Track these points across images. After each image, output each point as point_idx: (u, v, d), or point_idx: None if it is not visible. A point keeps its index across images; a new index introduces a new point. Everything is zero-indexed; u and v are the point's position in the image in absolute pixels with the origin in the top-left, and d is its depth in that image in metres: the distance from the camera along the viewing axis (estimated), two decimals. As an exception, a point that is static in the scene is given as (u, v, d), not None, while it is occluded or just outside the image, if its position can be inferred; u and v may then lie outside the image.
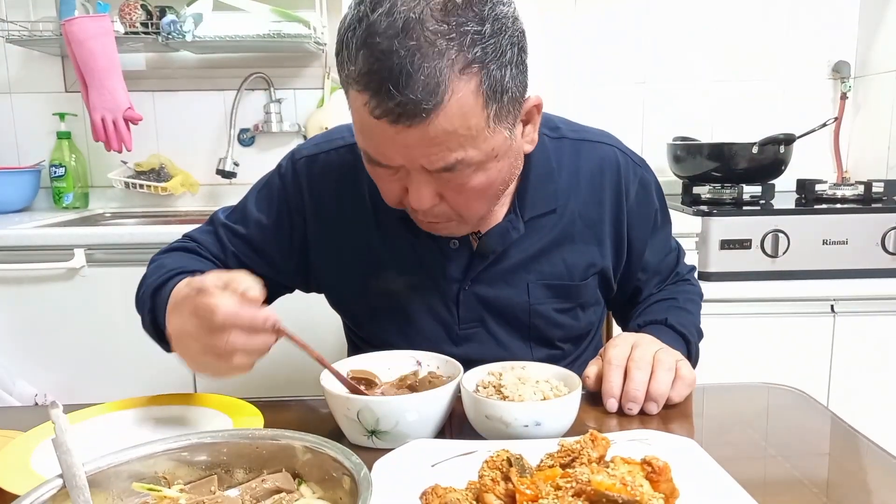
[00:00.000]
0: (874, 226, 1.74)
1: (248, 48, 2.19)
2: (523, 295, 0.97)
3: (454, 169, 0.75)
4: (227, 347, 0.68)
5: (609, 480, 0.47)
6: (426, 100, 0.68)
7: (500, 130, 0.76)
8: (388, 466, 0.63)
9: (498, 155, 0.78)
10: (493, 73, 0.71)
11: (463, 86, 0.69)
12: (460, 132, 0.72)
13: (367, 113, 0.71)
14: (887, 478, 0.69)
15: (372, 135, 0.74)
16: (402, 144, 0.72)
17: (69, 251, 1.73)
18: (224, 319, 0.67)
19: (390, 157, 0.75)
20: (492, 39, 0.70)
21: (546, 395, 0.73)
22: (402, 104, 0.68)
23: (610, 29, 2.27)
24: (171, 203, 2.31)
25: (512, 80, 0.74)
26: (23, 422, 0.80)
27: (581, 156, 0.98)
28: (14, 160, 2.28)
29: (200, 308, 0.68)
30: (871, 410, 1.74)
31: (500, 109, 0.74)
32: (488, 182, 0.79)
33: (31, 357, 1.77)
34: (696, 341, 1.02)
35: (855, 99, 2.29)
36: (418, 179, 0.77)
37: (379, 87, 0.68)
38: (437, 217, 0.83)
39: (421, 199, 0.78)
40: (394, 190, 0.81)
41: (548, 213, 0.95)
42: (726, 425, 0.83)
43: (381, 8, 0.68)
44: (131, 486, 0.54)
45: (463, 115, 0.71)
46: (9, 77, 2.26)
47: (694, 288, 1.12)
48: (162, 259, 1.00)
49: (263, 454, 0.58)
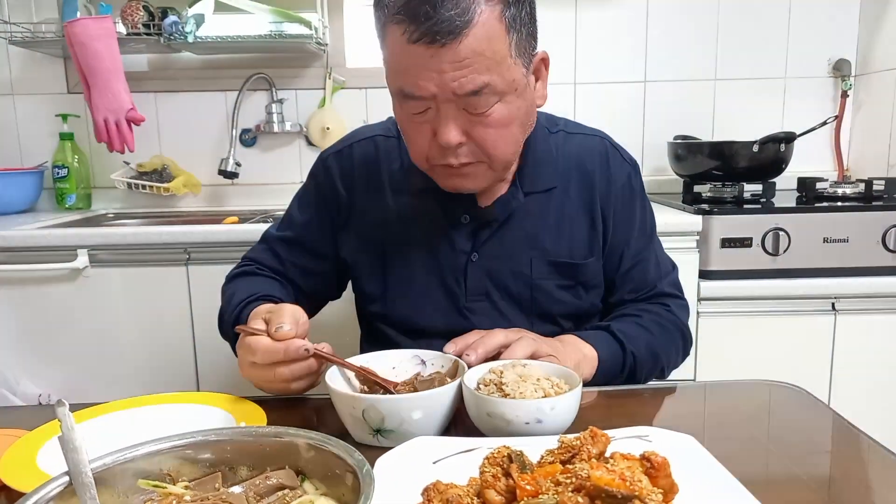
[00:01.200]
0: (875, 224, 1.75)
1: (250, 49, 2.20)
2: (526, 269, 1.03)
3: (480, 93, 0.83)
4: (280, 380, 0.81)
5: (608, 476, 0.48)
6: (458, 17, 0.78)
7: (519, 64, 0.86)
8: (390, 463, 0.63)
9: (518, 89, 0.87)
10: (512, 7, 0.83)
11: (489, 11, 0.81)
12: (487, 54, 0.82)
13: (406, 41, 0.81)
14: (887, 475, 0.70)
15: (408, 65, 0.83)
16: (435, 69, 0.81)
17: (72, 252, 1.74)
18: (263, 359, 0.80)
19: (423, 85, 0.83)
20: None
21: (547, 393, 0.73)
22: (439, 22, 0.78)
23: (611, 28, 2.27)
24: (174, 203, 2.31)
25: (528, 18, 0.86)
26: (28, 421, 0.81)
27: (574, 146, 1.07)
28: (17, 161, 2.29)
29: (246, 352, 0.82)
30: (872, 408, 1.74)
31: (519, 41, 0.85)
32: (510, 116, 0.88)
33: (34, 357, 1.78)
34: (639, 354, 0.99)
35: (856, 97, 2.29)
36: (446, 112, 0.85)
37: (417, 11, 0.79)
38: (466, 158, 0.89)
39: (450, 132, 0.85)
40: (423, 134, 0.89)
41: (547, 191, 1.03)
42: (727, 422, 0.83)
43: None
44: (137, 484, 0.55)
45: (489, 38, 0.81)
46: (11, 78, 2.27)
47: (668, 314, 1.08)
48: (230, 288, 1.09)
49: (267, 451, 0.58)
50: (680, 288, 1.13)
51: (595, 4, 2.26)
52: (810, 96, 2.30)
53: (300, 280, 1.12)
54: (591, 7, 2.26)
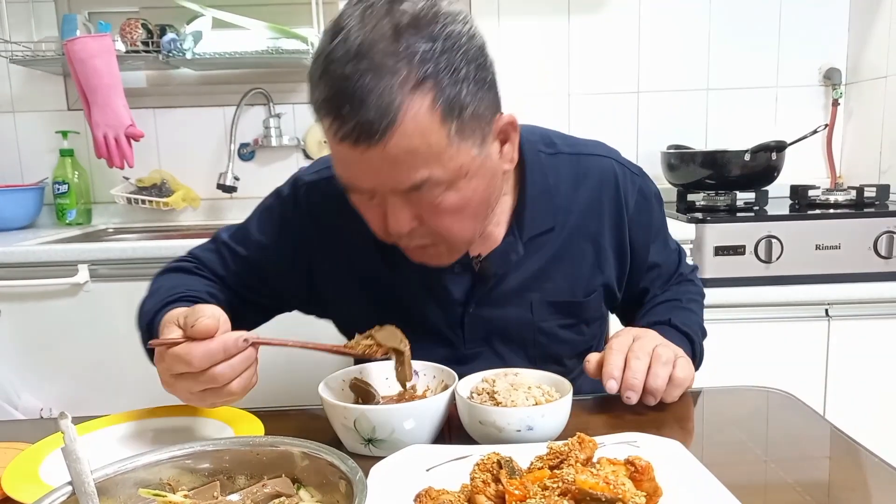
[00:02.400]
0: (866, 230, 1.76)
1: (247, 64, 2.23)
2: (527, 313, 0.98)
3: (422, 188, 0.76)
4: (218, 382, 0.72)
5: (592, 479, 0.50)
6: (380, 119, 0.70)
7: (465, 148, 0.76)
8: (384, 471, 0.65)
9: (468, 173, 0.78)
10: (447, 90, 0.72)
11: (417, 103, 0.71)
12: (421, 150, 0.73)
13: (332, 136, 0.74)
14: (877, 481, 0.71)
15: (342, 160, 0.78)
16: (367, 166, 0.75)
17: (73, 267, 1.76)
18: (201, 363, 0.71)
19: (361, 179, 0.78)
20: (443, 56, 0.72)
21: (538, 401, 0.75)
22: (359, 124, 0.71)
23: (604, 39, 2.30)
24: (173, 218, 2.34)
25: (471, 97, 0.75)
26: (30, 434, 0.83)
27: (579, 170, 0.99)
28: (18, 178, 2.31)
29: (175, 365, 0.72)
30: (867, 413, 1.76)
31: (461, 126, 0.75)
32: (463, 201, 0.80)
33: (36, 371, 1.80)
34: (699, 340, 1.04)
35: (847, 105, 2.32)
36: (393, 202, 0.78)
37: (338, 110, 0.72)
38: (422, 241, 0.84)
39: (398, 222, 0.79)
40: (376, 217, 0.82)
41: (547, 232, 0.96)
42: (716, 428, 0.85)
43: (338, 38, 0.72)
44: (137, 493, 0.57)
45: (421, 132, 0.72)
46: (12, 96, 2.29)
47: (696, 288, 1.14)
48: (161, 281, 1.01)
49: (264, 461, 0.60)
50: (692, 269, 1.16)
51: (587, 16, 2.29)
52: (802, 105, 2.33)
53: (244, 292, 1.03)
54: (583, 18, 2.29)
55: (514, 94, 2.31)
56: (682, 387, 0.86)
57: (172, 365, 0.73)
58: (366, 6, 0.73)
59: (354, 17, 0.72)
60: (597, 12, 2.29)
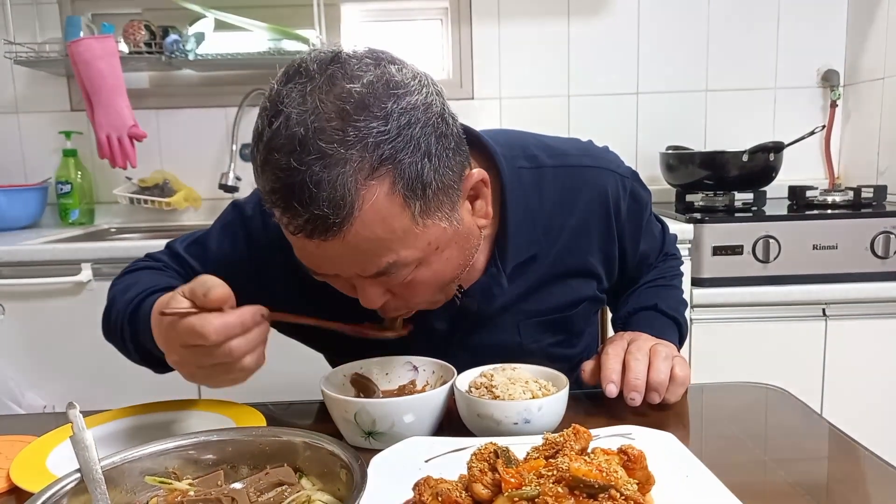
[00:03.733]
0: (864, 230, 1.78)
1: (249, 65, 2.24)
2: (515, 336, 0.95)
3: (389, 272, 0.71)
4: (233, 357, 0.68)
5: (586, 467, 0.51)
6: (334, 213, 0.64)
7: (433, 224, 0.71)
8: (383, 461, 0.66)
9: (439, 247, 0.74)
10: (406, 171, 0.66)
11: (374, 191, 0.65)
12: (384, 236, 0.68)
13: (284, 227, 0.69)
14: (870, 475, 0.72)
15: (299, 248, 0.72)
16: (326, 257, 0.70)
17: (76, 266, 1.78)
18: (217, 337, 0.67)
19: (323, 267, 0.73)
20: (400, 136, 0.65)
21: (535, 395, 0.76)
22: (311, 220, 0.65)
23: (603, 41, 2.32)
24: (175, 218, 2.35)
25: (434, 172, 0.68)
26: (36, 428, 0.84)
27: (565, 188, 0.93)
28: (21, 178, 2.33)
29: (188, 337, 0.68)
30: (864, 412, 1.77)
31: (425, 205, 0.69)
32: (436, 274, 0.76)
33: (39, 369, 1.82)
34: (684, 320, 1.04)
35: (845, 106, 2.33)
36: (361, 283, 0.74)
37: (286, 204, 0.66)
38: (397, 312, 0.81)
39: (370, 300, 0.75)
40: (345, 289, 0.78)
41: (530, 259, 0.92)
42: (709, 422, 0.87)
43: (276, 121, 0.65)
44: (143, 481, 0.58)
45: (382, 219, 0.66)
46: (16, 97, 2.31)
47: (677, 261, 1.14)
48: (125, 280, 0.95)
49: (266, 451, 0.62)
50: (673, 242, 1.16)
51: (587, 18, 2.31)
52: (800, 106, 2.35)
53: None
54: (582, 20, 2.31)
55: (513, 97, 2.33)
56: (683, 385, 0.85)
57: (185, 337, 0.68)
58: (303, 83, 0.65)
59: (293, 99, 0.65)
60: (596, 14, 2.31)
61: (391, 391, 0.88)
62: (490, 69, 2.31)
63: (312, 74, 0.66)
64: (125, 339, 0.89)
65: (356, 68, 0.66)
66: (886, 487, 0.68)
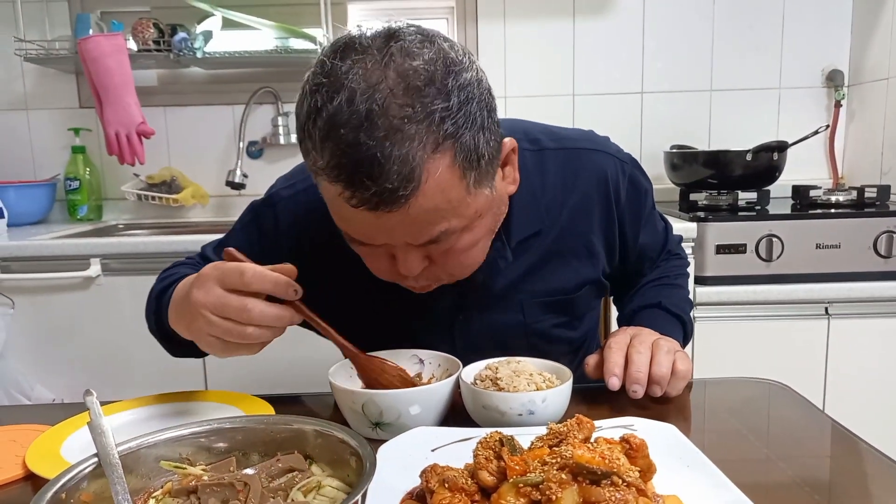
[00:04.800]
0: (867, 230, 1.79)
1: (256, 63, 2.26)
2: (519, 316, 0.97)
3: (439, 240, 0.75)
4: (243, 311, 0.71)
5: (589, 455, 0.53)
6: (403, 186, 0.66)
7: (481, 192, 0.75)
8: (391, 450, 0.68)
9: (482, 214, 0.78)
10: (466, 145, 0.70)
11: (438, 164, 0.68)
12: (441, 207, 0.71)
13: (344, 202, 0.70)
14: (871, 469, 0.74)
15: (351, 221, 0.74)
16: (383, 227, 0.71)
17: (85, 261, 1.80)
18: (251, 278, 0.71)
19: (372, 237, 0.75)
20: (461, 112, 0.68)
21: (539, 387, 0.78)
22: (379, 193, 0.67)
23: (608, 40, 2.33)
24: (182, 214, 2.37)
25: (486, 144, 0.72)
26: (47, 418, 0.86)
27: (566, 168, 0.96)
28: (30, 174, 2.35)
29: (229, 271, 0.72)
30: (865, 410, 1.78)
31: (478, 175, 0.73)
32: (475, 239, 0.80)
33: (48, 362, 1.84)
34: (689, 319, 1.05)
35: (849, 106, 2.34)
36: (405, 252, 0.76)
37: (351, 179, 0.67)
38: (427, 282, 0.83)
39: (410, 267, 0.77)
40: (381, 261, 0.80)
41: (534, 235, 0.94)
42: (712, 417, 0.88)
43: (338, 97, 0.66)
44: (158, 466, 0.60)
45: (442, 190, 0.70)
46: (25, 94, 2.34)
47: (682, 261, 1.15)
48: (172, 273, 1.01)
49: (277, 438, 0.63)
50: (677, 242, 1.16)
51: (592, 17, 2.32)
52: (804, 106, 2.36)
53: None
54: (588, 20, 2.32)
55: (519, 95, 2.34)
56: (685, 379, 0.87)
57: (226, 277, 0.72)
58: (362, 59, 0.67)
59: (355, 74, 0.66)
60: (601, 14, 2.32)
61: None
62: (495, 68, 2.32)
63: (370, 50, 0.68)
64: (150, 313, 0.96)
65: (413, 45, 0.69)
66: (887, 481, 0.69)
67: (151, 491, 0.59)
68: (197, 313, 0.74)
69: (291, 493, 0.57)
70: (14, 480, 0.72)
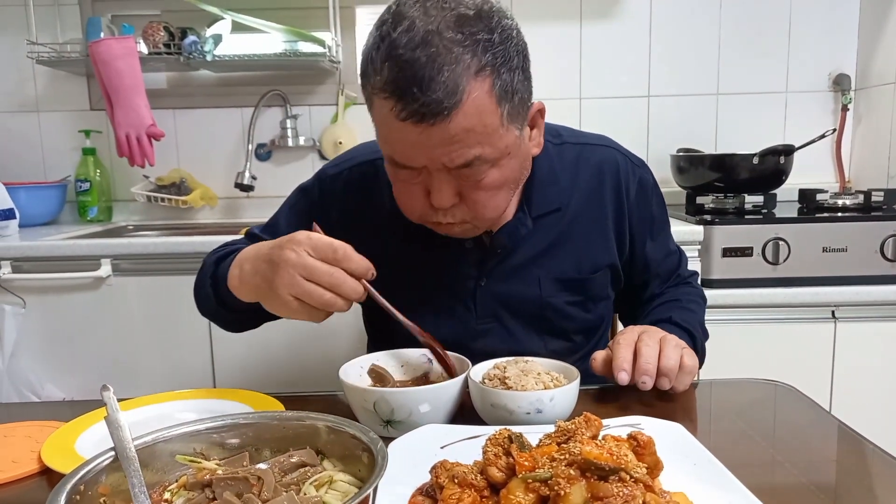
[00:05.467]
0: (873, 233, 1.79)
1: (265, 66, 2.28)
2: (535, 289, 1.04)
3: (472, 165, 0.83)
4: (332, 279, 0.79)
5: (597, 451, 0.53)
6: (447, 99, 0.77)
7: (511, 129, 0.84)
8: (401, 447, 0.69)
9: (511, 153, 0.86)
10: (503, 76, 0.80)
11: (478, 87, 0.78)
12: (478, 129, 0.80)
13: (393, 117, 0.79)
14: (873, 468, 0.74)
15: (397, 139, 0.83)
16: (425, 144, 0.80)
17: (96, 261, 1.81)
18: (342, 254, 0.80)
19: (414, 157, 0.83)
20: (500, 47, 0.80)
21: (547, 386, 0.79)
22: (426, 104, 0.77)
23: (614, 44, 2.34)
24: (191, 216, 2.39)
25: (520, 84, 0.83)
26: (60, 415, 0.87)
27: (582, 159, 1.07)
28: (41, 175, 2.37)
29: (322, 243, 0.80)
30: (872, 414, 1.78)
31: (511, 109, 0.83)
32: (502, 179, 0.87)
33: (59, 362, 1.85)
34: (701, 338, 1.08)
35: (856, 110, 2.34)
36: (439, 178, 0.84)
37: (404, 91, 0.77)
38: (454, 219, 0.89)
39: (442, 197, 0.85)
40: (415, 194, 0.88)
41: (553, 212, 1.03)
42: (719, 417, 0.88)
43: (401, 26, 0.78)
44: (173, 461, 0.61)
45: (479, 113, 0.79)
46: (37, 96, 2.36)
47: (696, 290, 1.17)
48: (223, 248, 1.08)
49: (290, 435, 0.64)
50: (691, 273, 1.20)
51: (599, 21, 2.33)
52: (811, 110, 2.36)
53: None
54: (595, 24, 2.33)
55: (526, 98, 2.35)
56: (691, 374, 0.90)
57: (319, 247, 0.79)
58: (423, 1, 0.79)
59: (416, 9, 0.79)
60: (608, 18, 2.33)
61: (406, 382, 0.91)
62: (503, 71, 2.33)
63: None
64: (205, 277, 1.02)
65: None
66: (894, 482, 0.69)
67: (167, 484, 0.60)
68: (284, 271, 0.80)
69: (304, 487, 0.58)
70: (30, 475, 0.73)
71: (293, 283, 0.79)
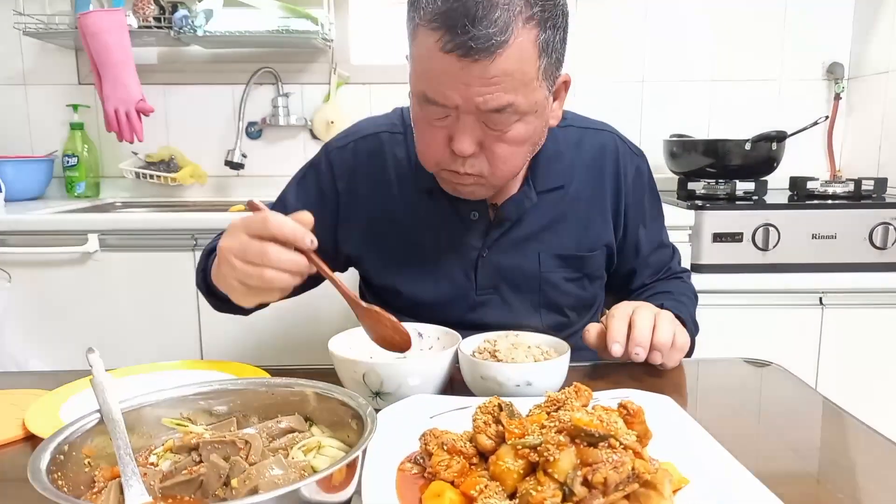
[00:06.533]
0: (862, 221, 1.80)
1: (257, 43, 2.25)
2: (535, 263, 1.06)
3: (503, 111, 0.84)
4: (262, 254, 0.75)
5: (587, 417, 0.53)
6: (497, 35, 0.78)
7: (544, 86, 0.87)
8: (390, 416, 0.68)
9: (538, 111, 0.88)
10: (548, 31, 0.83)
11: (525, 33, 0.80)
12: (516, 76, 0.82)
13: (437, 49, 0.80)
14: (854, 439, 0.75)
15: (436, 72, 0.83)
16: (463, 81, 0.81)
17: (83, 236, 1.79)
18: (272, 224, 0.75)
19: (448, 95, 0.84)
20: (550, 2, 0.83)
21: (537, 359, 0.79)
22: (475, 37, 0.78)
23: (610, 28, 2.33)
24: (180, 193, 2.37)
25: (559, 44, 0.86)
26: (45, 383, 0.87)
27: (584, 141, 1.09)
28: (28, 150, 2.34)
29: (254, 219, 0.77)
30: (857, 400, 1.79)
31: (548, 65, 0.85)
32: (525, 135, 0.89)
33: (44, 336, 1.84)
34: (691, 328, 1.07)
35: (848, 99, 2.34)
36: (465, 123, 0.85)
37: (455, 22, 0.78)
38: (471, 169, 0.90)
39: (464, 143, 0.86)
40: (437, 138, 0.89)
41: (556, 189, 1.05)
42: (709, 392, 0.89)
43: None
44: (160, 425, 0.60)
45: (521, 59, 0.81)
46: (24, 69, 2.32)
47: (687, 285, 1.18)
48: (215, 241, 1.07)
49: (278, 401, 0.64)
50: (683, 269, 1.22)
51: (594, 5, 2.32)
52: (804, 99, 2.36)
53: None
54: (590, 7, 2.32)
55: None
56: (682, 351, 0.91)
57: (251, 224, 0.77)
58: None
59: None
60: (603, 2, 2.31)
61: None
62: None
63: None
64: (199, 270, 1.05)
65: None
66: (872, 449, 0.71)
67: (153, 448, 0.60)
68: (223, 259, 0.79)
69: (292, 451, 0.57)
70: (14, 441, 0.72)
71: (232, 269, 0.78)
